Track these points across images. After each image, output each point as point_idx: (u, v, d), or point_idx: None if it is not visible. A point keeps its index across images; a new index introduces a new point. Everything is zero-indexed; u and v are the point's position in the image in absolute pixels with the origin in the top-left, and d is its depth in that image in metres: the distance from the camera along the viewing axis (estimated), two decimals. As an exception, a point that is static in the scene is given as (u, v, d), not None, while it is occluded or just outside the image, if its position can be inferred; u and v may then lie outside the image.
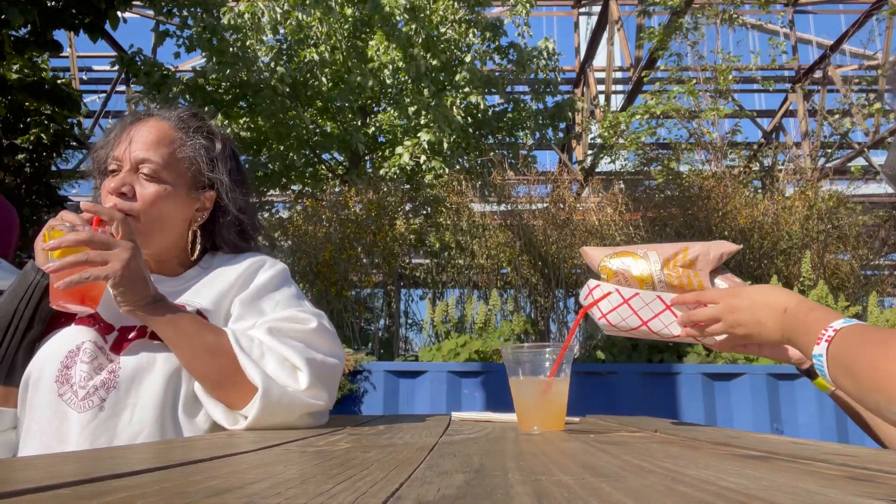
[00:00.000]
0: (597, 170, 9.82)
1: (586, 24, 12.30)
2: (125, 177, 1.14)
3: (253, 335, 1.10)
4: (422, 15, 8.12)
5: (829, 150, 8.85)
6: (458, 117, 8.08)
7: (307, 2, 7.83)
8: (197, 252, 1.24)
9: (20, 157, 8.27)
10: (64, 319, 1.13)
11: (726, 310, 1.02)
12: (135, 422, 1.01)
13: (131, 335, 1.09)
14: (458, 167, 8.27)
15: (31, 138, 8.21)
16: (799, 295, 1.00)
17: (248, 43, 8.01)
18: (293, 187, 9.59)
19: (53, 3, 5.00)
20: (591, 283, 1.14)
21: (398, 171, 7.98)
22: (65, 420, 1.01)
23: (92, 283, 1.01)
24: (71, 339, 1.08)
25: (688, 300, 1.09)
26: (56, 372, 1.04)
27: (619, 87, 11.48)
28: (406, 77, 8.27)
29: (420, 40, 8.17)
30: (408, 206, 8.30)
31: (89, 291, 1.03)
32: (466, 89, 8.41)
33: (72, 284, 0.98)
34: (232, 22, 7.68)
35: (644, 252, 1.11)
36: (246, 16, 7.84)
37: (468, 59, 8.47)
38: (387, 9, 7.93)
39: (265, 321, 1.12)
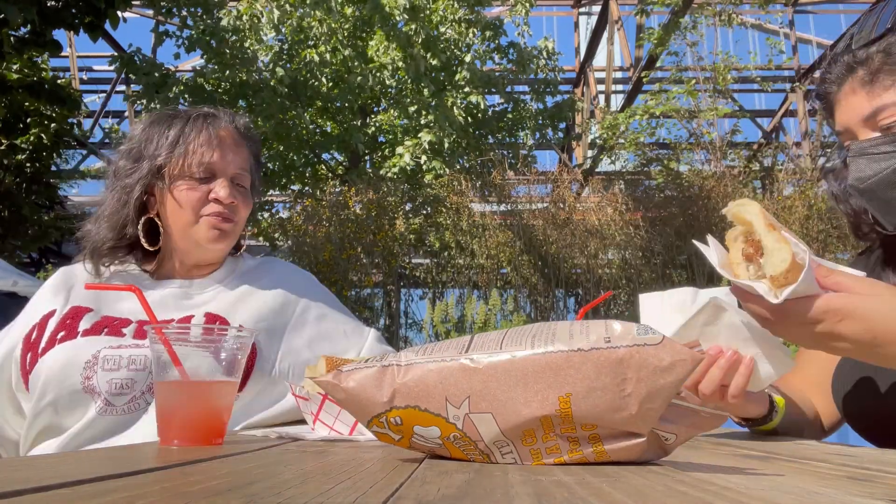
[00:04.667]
0: (597, 170, 9.83)
1: (586, 24, 12.30)
2: (231, 189, 1.18)
3: None
4: (422, 15, 8.12)
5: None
6: (459, 117, 8.08)
7: (307, 1, 7.83)
8: (241, 250, 1.31)
9: (20, 157, 8.27)
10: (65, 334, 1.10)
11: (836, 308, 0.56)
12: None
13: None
14: (458, 167, 8.27)
15: (31, 138, 8.21)
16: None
17: (247, 44, 8.01)
18: (293, 187, 9.60)
19: (53, 2, 5.00)
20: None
21: (398, 172, 7.98)
22: (114, 428, 1.01)
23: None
24: (85, 351, 1.05)
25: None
26: (80, 385, 1.02)
27: (619, 87, 11.48)
28: (406, 77, 8.27)
29: (420, 40, 8.16)
30: (408, 206, 8.31)
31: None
32: (466, 89, 8.41)
33: None
34: (231, 24, 7.68)
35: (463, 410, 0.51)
36: (245, 17, 7.84)
37: (468, 58, 8.47)
38: (387, 9, 7.93)
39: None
